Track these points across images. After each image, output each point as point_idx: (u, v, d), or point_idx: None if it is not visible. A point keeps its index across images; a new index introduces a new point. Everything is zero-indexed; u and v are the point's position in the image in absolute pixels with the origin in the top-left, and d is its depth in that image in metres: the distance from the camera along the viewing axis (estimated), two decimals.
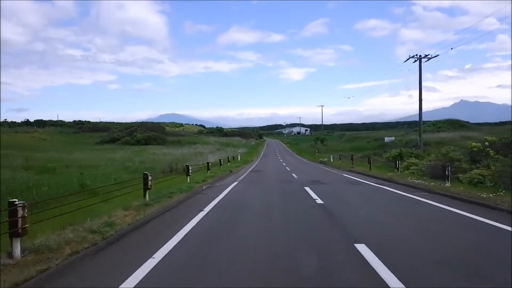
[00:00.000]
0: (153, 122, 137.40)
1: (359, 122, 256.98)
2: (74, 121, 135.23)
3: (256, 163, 39.71)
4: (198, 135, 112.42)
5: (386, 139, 60.84)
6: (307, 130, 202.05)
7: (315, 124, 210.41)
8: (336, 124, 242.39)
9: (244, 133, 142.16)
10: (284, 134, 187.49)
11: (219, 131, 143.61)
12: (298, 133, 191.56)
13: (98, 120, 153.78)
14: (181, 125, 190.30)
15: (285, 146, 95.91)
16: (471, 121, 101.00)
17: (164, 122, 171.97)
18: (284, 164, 40.01)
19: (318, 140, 69.95)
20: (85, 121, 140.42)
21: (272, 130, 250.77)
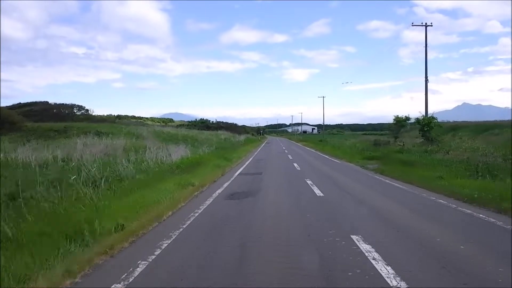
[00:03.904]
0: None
1: (365, 123, 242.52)
2: None
3: None
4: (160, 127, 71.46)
5: None
6: (314, 128, 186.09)
7: (320, 124, 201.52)
8: (342, 124, 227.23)
9: (234, 127, 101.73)
10: (293, 132, 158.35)
11: (202, 123, 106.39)
12: (304, 131, 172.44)
13: None
14: (171, 120, 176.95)
15: (298, 144, 54.68)
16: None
17: (154, 118, 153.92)
18: None
19: (422, 125, 23.95)
20: None
21: (276, 129, 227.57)
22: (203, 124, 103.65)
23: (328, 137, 69.33)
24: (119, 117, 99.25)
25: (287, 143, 60.42)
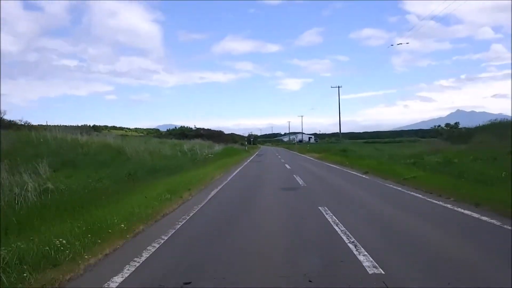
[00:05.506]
0: None
1: (360, 131, 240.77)
2: None
3: None
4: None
5: None
6: (311, 137, 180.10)
7: (315, 133, 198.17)
8: (337, 133, 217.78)
9: (219, 135, 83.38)
10: (291, 141, 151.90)
11: (181, 131, 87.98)
12: (300, 141, 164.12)
13: None
14: (157, 131, 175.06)
15: (308, 157, 35.40)
16: None
17: (138, 129, 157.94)
18: None
19: None
20: None
21: (271, 138, 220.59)
22: (181, 132, 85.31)
23: (349, 145, 49.05)
24: (83, 127, 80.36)
25: (290, 157, 41.20)
